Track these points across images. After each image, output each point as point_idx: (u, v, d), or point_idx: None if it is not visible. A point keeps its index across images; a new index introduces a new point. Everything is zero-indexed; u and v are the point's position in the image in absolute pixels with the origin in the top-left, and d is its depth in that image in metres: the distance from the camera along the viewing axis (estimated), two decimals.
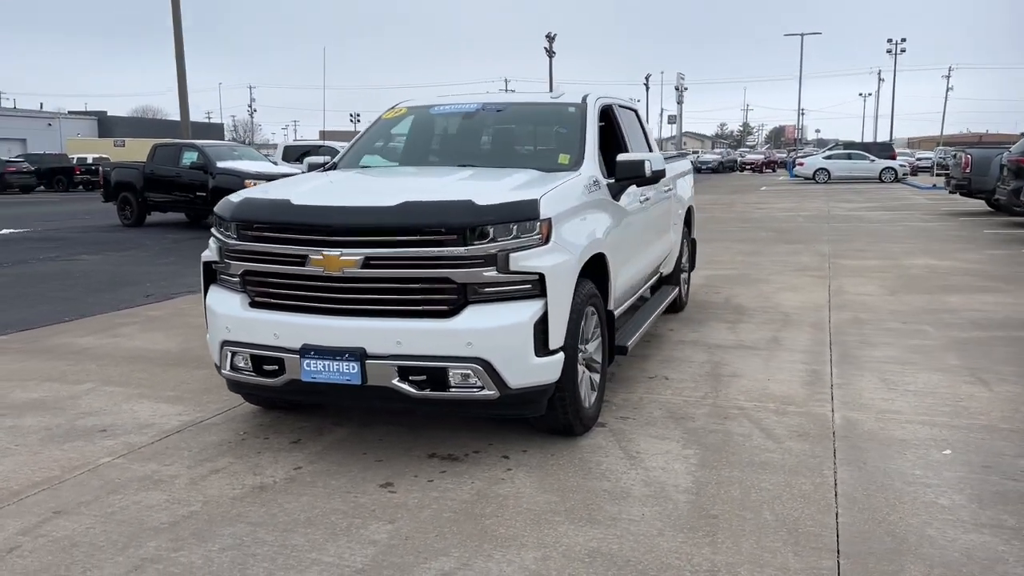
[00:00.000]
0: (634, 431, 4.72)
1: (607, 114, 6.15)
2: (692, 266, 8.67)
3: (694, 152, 69.88)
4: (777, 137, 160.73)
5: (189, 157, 18.08)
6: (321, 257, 4.11)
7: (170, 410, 5.23)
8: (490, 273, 4.02)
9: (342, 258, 4.07)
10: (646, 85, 78.62)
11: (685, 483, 3.99)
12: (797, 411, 5.02)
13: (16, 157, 43.74)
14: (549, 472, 4.15)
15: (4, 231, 18.64)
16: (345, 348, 4.08)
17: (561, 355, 4.21)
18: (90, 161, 42.56)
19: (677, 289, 7.54)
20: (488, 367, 4.00)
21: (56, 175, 40.94)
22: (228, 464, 4.32)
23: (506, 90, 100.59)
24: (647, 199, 6.00)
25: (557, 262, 4.14)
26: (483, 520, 3.62)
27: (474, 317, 4.02)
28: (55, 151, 51.57)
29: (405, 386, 4.06)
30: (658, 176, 5.27)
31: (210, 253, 4.62)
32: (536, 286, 4.09)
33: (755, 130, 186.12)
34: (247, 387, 4.57)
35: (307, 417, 5.04)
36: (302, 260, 4.16)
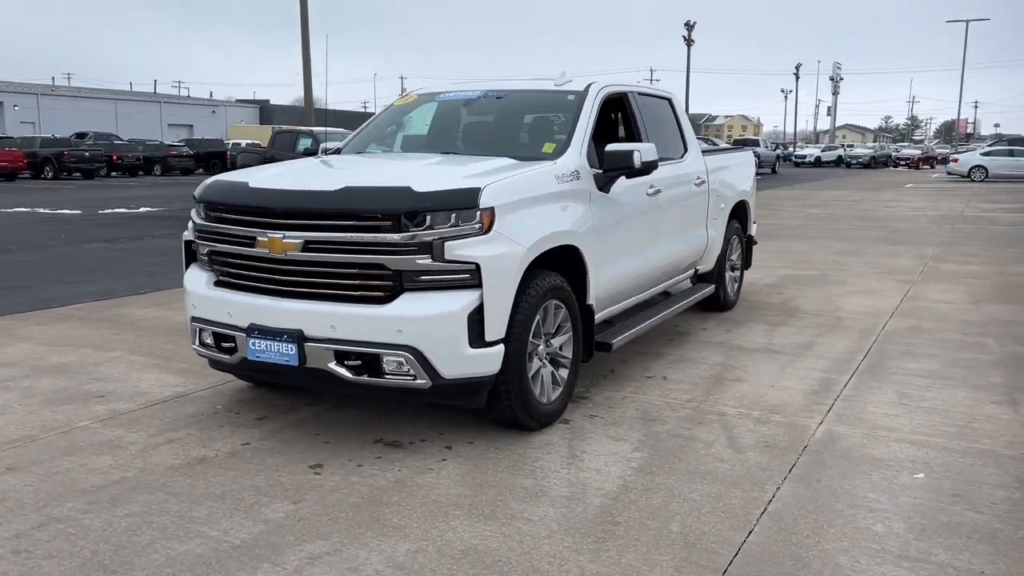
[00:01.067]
0: (595, 430, 4.57)
1: (620, 104, 5.96)
2: (747, 264, 8.27)
3: (844, 146, 66.52)
4: (948, 131, 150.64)
5: (304, 143, 18.87)
6: (266, 239, 4.19)
7: (171, 381, 5.49)
8: (424, 261, 3.98)
9: (284, 241, 4.15)
10: (796, 75, 75.40)
11: (611, 487, 3.82)
12: (780, 421, 4.71)
13: (178, 142, 46.97)
14: (480, 465, 4.08)
15: (141, 209, 20.06)
16: (284, 329, 4.15)
17: (500, 348, 4.12)
18: (243, 146, 45.14)
19: (713, 288, 7.21)
20: (419, 356, 3.96)
21: (212, 159, 43.69)
22: (186, 435, 4.49)
23: (651, 79, 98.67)
24: (657, 191, 5.76)
25: (496, 252, 4.04)
26: (383, 508, 3.61)
27: (407, 305, 3.99)
28: (218, 137, 55.00)
29: (342, 370, 4.09)
30: (649, 167, 5.05)
31: (188, 233, 4.81)
32: (474, 276, 4.02)
33: (923, 124, 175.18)
34: (214, 363, 4.73)
35: (284, 396, 5.16)
36: (251, 241, 4.27)
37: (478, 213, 4.03)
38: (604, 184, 5.04)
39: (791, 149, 70.23)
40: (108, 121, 58.78)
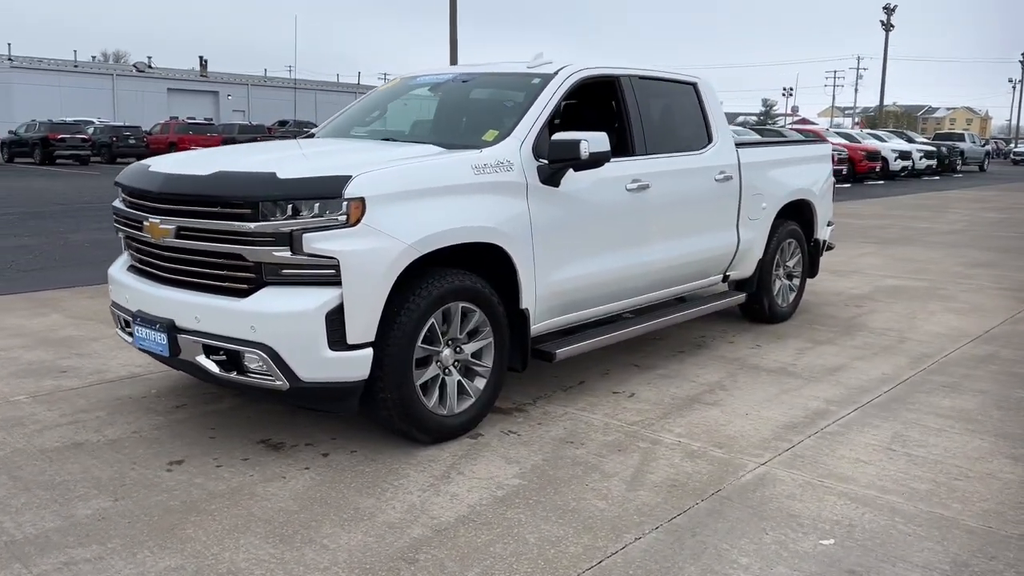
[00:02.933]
0: (498, 449, 4.12)
1: (608, 90, 5.37)
2: (812, 272, 7.34)
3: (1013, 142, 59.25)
4: None
5: None
6: (148, 224, 4.07)
7: (140, 360, 5.53)
8: (283, 254, 3.70)
9: (161, 226, 4.00)
10: (1022, 62, 68.14)
11: (448, 517, 3.39)
12: (717, 457, 4.05)
13: None
14: (338, 478, 3.76)
15: None
16: (158, 318, 4.01)
17: (368, 352, 3.78)
18: None
19: (744, 297, 6.44)
20: (274, 355, 3.70)
21: None
22: (92, 418, 4.47)
23: (858, 69, 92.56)
24: (643, 186, 5.15)
25: (362, 248, 3.69)
26: (191, 516, 3.38)
27: (263, 300, 3.74)
28: None
29: (210, 364, 3.90)
30: (598, 159, 4.49)
31: None
32: (338, 272, 3.70)
33: None
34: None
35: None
36: (140, 226, 4.16)
37: (344, 204, 3.69)
38: (550, 177, 4.53)
39: (1012, 145, 63.56)
40: (308, 110, 62.54)
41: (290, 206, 3.70)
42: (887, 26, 50.05)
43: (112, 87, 55.35)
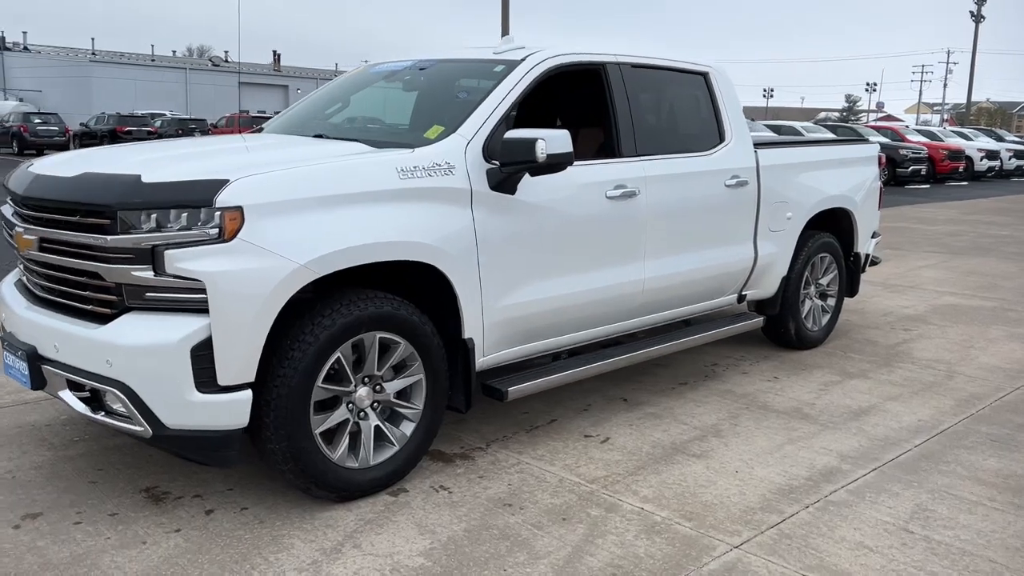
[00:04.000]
0: (413, 513, 3.42)
1: (592, 81, 4.60)
2: (851, 290, 6.41)
3: None
4: None
5: None
6: (15, 232, 3.49)
7: None
8: (143, 274, 3.06)
9: (24, 236, 3.41)
10: None
11: None
12: (683, 533, 3.27)
13: None
14: (206, 547, 3.11)
15: None
16: (21, 344, 3.43)
17: (246, 395, 3.11)
18: None
19: (760, 320, 5.57)
20: (132, 395, 3.07)
21: None
22: None
23: (947, 63, 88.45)
24: (629, 193, 4.37)
25: (234, 268, 3.02)
26: None
27: (120, 330, 3.10)
28: None
29: (74, 401, 3.29)
30: (558, 162, 3.73)
31: None
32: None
33: None
34: None
35: None
36: (12, 235, 3.59)
37: (216, 214, 3.03)
38: (503, 182, 3.79)
39: None
40: None
41: (153, 216, 3.05)
42: (977, 17, 47.36)
43: (185, 80, 56.36)
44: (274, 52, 66.94)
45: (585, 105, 5.07)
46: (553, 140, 3.69)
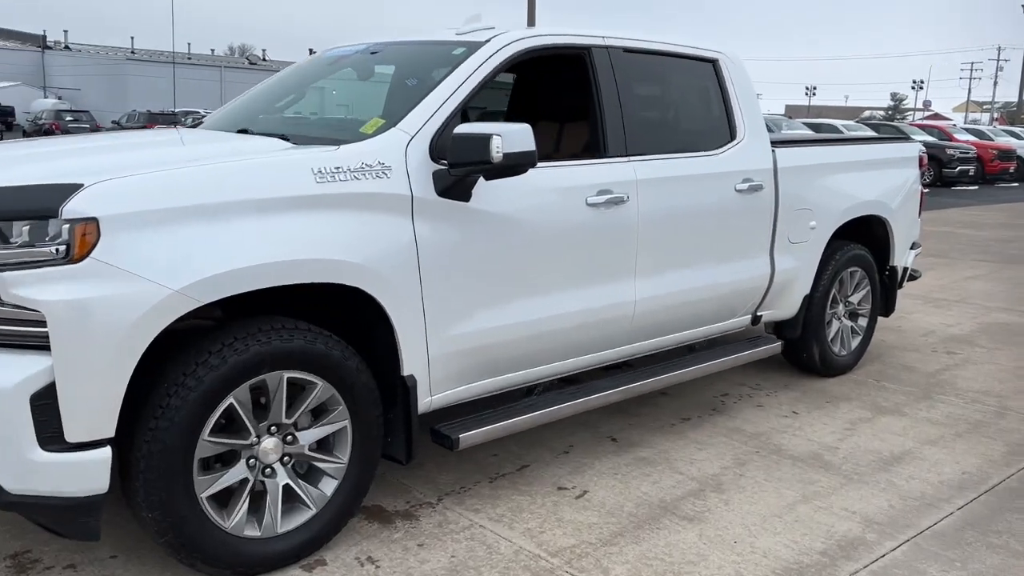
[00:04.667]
0: None
1: (575, 67, 3.93)
2: (886, 309, 5.64)
3: None
4: None
5: None
6: None
7: None
8: None
9: None
10: None
11: None
12: None
13: None
14: None
15: None
16: None
17: (104, 453, 2.49)
18: None
19: (778, 346, 4.83)
20: None
21: None
22: None
23: (998, 60, 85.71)
24: (617, 199, 3.68)
25: (85, 296, 2.40)
26: None
27: None
28: None
29: None
30: (518, 163, 3.06)
31: None
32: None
33: None
34: None
35: None
36: None
37: (64, 227, 2.41)
38: (453, 187, 3.13)
39: None
40: None
41: None
42: None
43: (220, 79, 56.50)
44: (310, 50, 66.84)
45: (566, 97, 4.40)
46: (511, 136, 3.02)
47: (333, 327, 3.08)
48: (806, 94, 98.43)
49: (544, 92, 4.83)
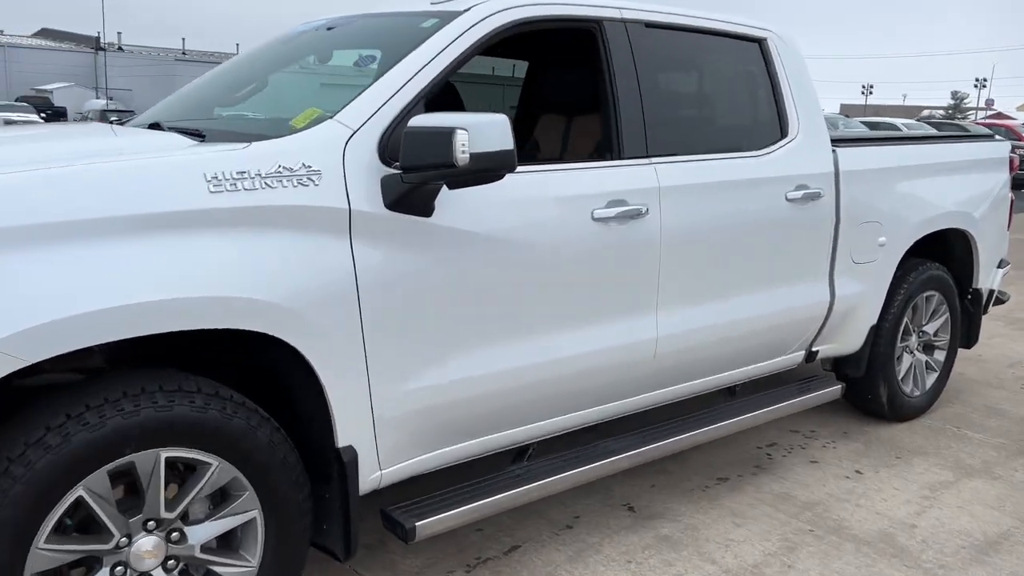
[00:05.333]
0: None
1: (584, 46, 3.15)
2: (968, 340, 4.73)
3: None
4: None
5: None
6: None
7: None
8: None
9: None
10: None
11: None
12: None
13: None
14: None
15: None
16: None
17: None
18: None
19: (839, 389, 3.97)
20: None
21: None
22: None
23: None
24: (634, 212, 2.88)
25: None
26: None
27: None
28: None
29: None
30: (490, 167, 2.29)
31: None
32: None
33: None
34: None
35: None
36: None
37: None
38: (406, 197, 2.36)
39: None
40: None
41: None
42: None
43: None
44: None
45: (569, 82, 3.60)
46: (481, 130, 2.25)
47: (249, 382, 2.35)
48: (862, 92, 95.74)
49: (540, 76, 4.06)
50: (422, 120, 2.31)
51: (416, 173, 2.31)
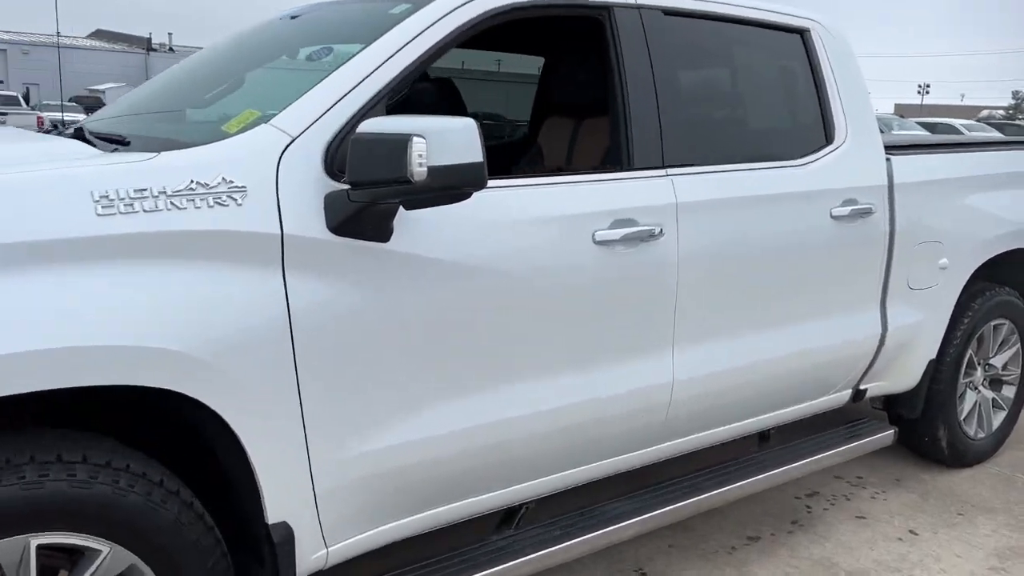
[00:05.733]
0: None
1: (592, 37, 2.69)
2: None
3: None
4: None
5: None
6: None
7: None
8: None
9: None
10: None
11: None
12: None
13: None
14: None
15: None
16: None
17: None
18: None
19: (891, 433, 3.45)
20: None
21: None
22: None
23: None
24: (645, 235, 2.42)
25: None
26: None
27: None
28: None
29: None
30: (454, 182, 1.84)
31: None
32: None
33: None
34: None
35: None
36: None
37: None
38: (354, 220, 1.93)
39: None
40: None
41: None
42: None
43: None
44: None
45: (569, 80, 3.14)
46: (443, 138, 1.81)
47: (171, 446, 1.94)
48: (918, 92, 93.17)
49: (541, 74, 3.61)
50: (374, 124, 1.88)
51: (365, 190, 1.87)
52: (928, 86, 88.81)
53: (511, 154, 3.70)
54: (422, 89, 3.38)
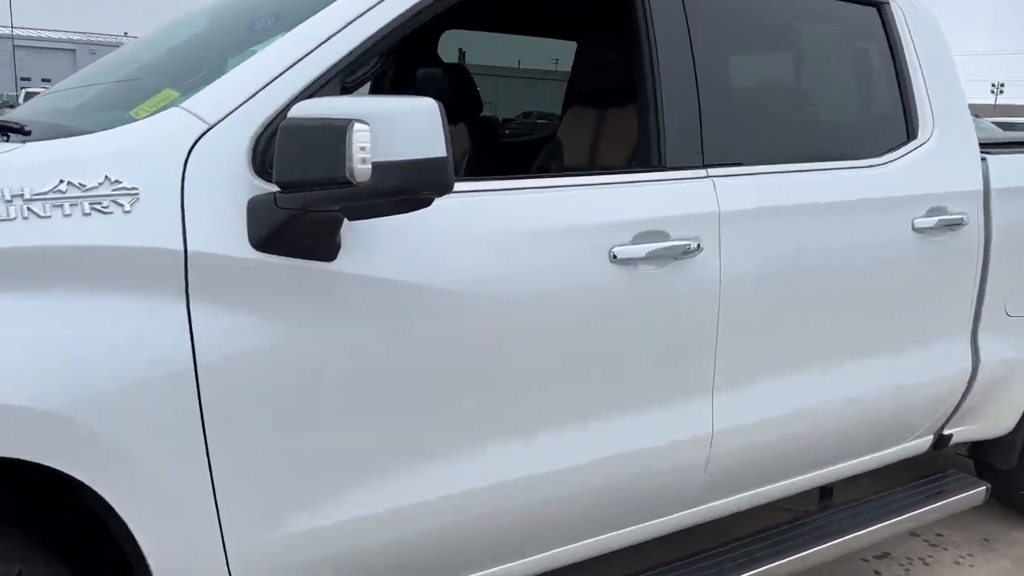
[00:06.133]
0: None
1: (614, 4, 2.21)
2: None
3: None
4: None
5: None
6: None
7: None
8: None
9: None
10: None
11: None
12: None
13: None
14: None
15: None
16: None
17: None
18: None
19: (984, 490, 2.87)
20: None
21: None
22: None
23: None
24: (681, 251, 1.92)
25: None
26: None
27: None
28: None
29: None
30: (406, 185, 1.37)
31: None
32: None
33: None
34: None
35: None
36: None
37: None
38: (286, 231, 1.46)
39: None
40: None
41: None
42: None
43: None
44: None
45: (585, 61, 2.64)
46: (393, 124, 1.35)
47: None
48: (992, 91, 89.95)
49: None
50: (308, 108, 1.42)
51: (294, 193, 1.41)
52: (1003, 85, 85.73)
53: (535, 152, 3.22)
54: (427, 75, 2.93)
